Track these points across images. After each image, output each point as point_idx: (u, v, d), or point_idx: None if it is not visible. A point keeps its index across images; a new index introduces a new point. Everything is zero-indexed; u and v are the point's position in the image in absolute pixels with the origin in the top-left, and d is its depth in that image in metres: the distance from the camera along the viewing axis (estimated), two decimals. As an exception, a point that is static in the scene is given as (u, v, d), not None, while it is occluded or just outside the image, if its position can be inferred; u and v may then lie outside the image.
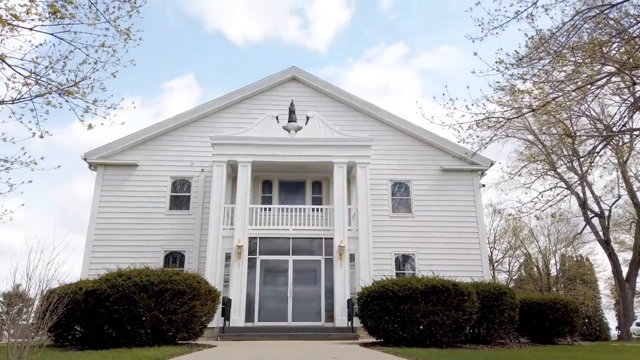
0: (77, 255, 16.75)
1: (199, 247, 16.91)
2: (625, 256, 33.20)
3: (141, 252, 16.17)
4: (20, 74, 8.09)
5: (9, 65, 8.00)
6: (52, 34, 8.13)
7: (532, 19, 10.18)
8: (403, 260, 17.76)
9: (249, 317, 14.97)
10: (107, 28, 8.58)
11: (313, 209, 16.65)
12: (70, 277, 10.96)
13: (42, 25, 7.96)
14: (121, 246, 16.67)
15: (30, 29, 7.91)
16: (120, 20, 8.60)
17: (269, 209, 16.54)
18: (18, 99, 8.04)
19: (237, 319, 14.63)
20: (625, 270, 26.75)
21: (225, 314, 14.32)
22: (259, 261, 15.72)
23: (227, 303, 14.43)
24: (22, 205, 8.68)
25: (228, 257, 15.52)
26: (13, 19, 7.63)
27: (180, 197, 17.95)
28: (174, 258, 17.14)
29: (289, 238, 16.00)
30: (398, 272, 17.29)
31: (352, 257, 15.73)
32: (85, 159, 17.66)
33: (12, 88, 8.06)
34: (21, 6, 7.69)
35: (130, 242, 16.84)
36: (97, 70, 8.56)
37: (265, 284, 15.66)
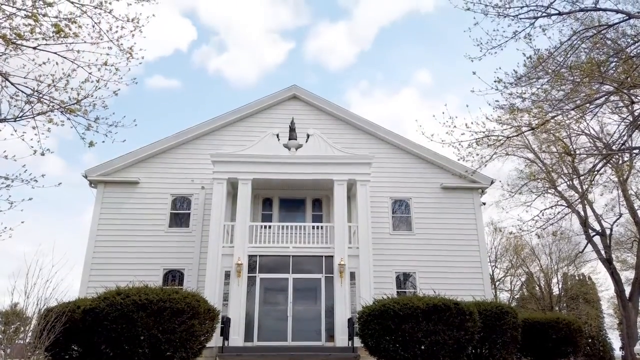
0: (76, 273, 16.65)
1: (198, 265, 16.80)
2: (627, 275, 32.95)
3: (140, 270, 16.03)
4: (22, 92, 8.17)
5: (12, 84, 8.08)
6: (55, 53, 8.22)
7: (530, 39, 10.32)
8: (404, 279, 17.62)
9: (248, 336, 14.79)
10: (110, 47, 8.70)
11: (313, 227, 16.58)
12: (68, 295, 10.90)
13: (46, 44, 8.05)
14: (120, 264, 16.56)
15: (34, 48, 8.01)
16: (123, 39, 8.72)
17: (269, 227, 16.48)
18: (20, 117, 8.08)
19: (237, 338, 14.44)
20: (628, 289, 26.50)
21: (224, 333, 14.15)
22: (259, 279, 15.60)
23: (226, 322, 14.27)
24: (22, 222, 8.63)
25: (227, 275, 15.40)
26: (17, 38, 7.72)
27: (180, 215, 17.91)
28: (173, 276, 17.01)
29: (289, 256, 15.89)
30: (399, 290, 17.13)
31: (352, 275, 15.60)
32: (85, 177, 17.67)
33: (15, 106, 8.12)
34: (25, 25, 7.80)
35: (129, 259, 16.73)
36: (99, 88, 8.64)
37: (265, 303, 15.50)
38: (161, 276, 16.78)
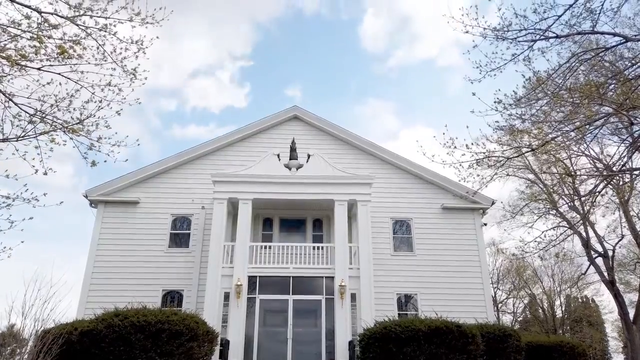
0: (74, 294, 16.50)
1: (197, 285, 16.65)
2: (631, 297, 32.59)
3: (139, 291, 15.89)
4: (26, 112, 8.22)
5: (15, 104, 8.14)
6: (59, 74, 8.31)
7: (529, 62, 10.42)
8: (405, 300, 17.44)
9: (247, 359, 14.55)
10: (113, 68, 8.81)
11: (314, 247, 16.49)
12: (66, 316, 10.78)
13: (50, 65, 8.15)
14: (119, 284, 16.41)
15: (38, 69, 8.10)
16: (126, 61, 8.83)
17: (269, 247, 16.39)
18: (22, 137, 8.12)
19: (235, 361, 14.21)
20: (632, 312, 26.17)
21: (223, 356, 13.93)
22: (258, 301, 15.43)
23: (225, 344, 14.07)
24: (22, 242, 8.57)
25: (227, 296, 15.25)
26: (22, 59, 7.82)
27: (180, 235, 17.83)
28: (172, 297, 16.84)
29: (289, 277, 15.75)
30: (400, 312, 16.93)
31: (353, 297, 15.45)
32: (86, 196, 17.67)
33: (17, 126, 8.16)
34: (30, 47, 7.90)
35: (128, 280, 16.59)
36: (102, 108, 8.71)
37: (265, 325, 15.30)
38: (160, 297, 16.62)
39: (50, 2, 8.02)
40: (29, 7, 7.90)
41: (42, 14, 8.02)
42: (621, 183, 16.79)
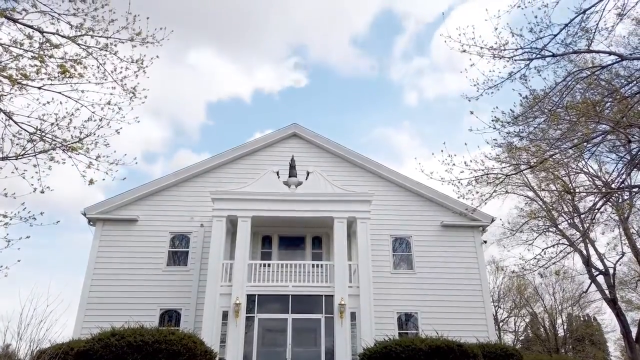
0: (71, 313, 16.32)
1: (195, 304, 16.49)
2: (633, 316, 32.34)
3: (136, 310, 15.72)
4: (26, 130, 8.25)
5: (15, 123, 8.18)
6: (60, 92, 8.38)
7: (526, 80, 10.53)
8: (406, 319, 17.26)
9: (245, 379, 14.32)
10: (113, 87, 8.89)
11: (313, 265, 16.38)
12: (62, 335, 10.64)
13: (51, 84, 8.21)
14: (116, 303, 16.26)
15: (39, 88, 8.16)
16: (126, 80, 8.92)
17: (268, 265, 16.28)
18: (22, 155, 8.14)
19: (233, 381, 13.99)
20: (634, 330, 25.90)
21: (221, 377, 13.73)
22: (257, 320, 15.26)
23: (223, 364, 13.88)
24: (19, 261, 8.51)
25: (225, 315, 15.08)
26: (23, 78, 7.88)
27: (178, 253, 17.72)
28: (170, 316, 16.66)
29: (288, 295, 15.61)
30: (401, 331, 16.73)
31: (353, 316, 15.28)
32: (84, 214, 17.61)
33: (17, 144, 8.19)
34: (32, 66, 7.98)
35: (126, 299, 16.44)
36: (102, 127, 8.76)
37: (264, 345, 15.09)
38: (157, 316, 16.44)
39: (52, 22, 8.14)
40: (31, 27, 8.01)
41: (44, 34, 8.12)
42: (620, 200, 16.79)
